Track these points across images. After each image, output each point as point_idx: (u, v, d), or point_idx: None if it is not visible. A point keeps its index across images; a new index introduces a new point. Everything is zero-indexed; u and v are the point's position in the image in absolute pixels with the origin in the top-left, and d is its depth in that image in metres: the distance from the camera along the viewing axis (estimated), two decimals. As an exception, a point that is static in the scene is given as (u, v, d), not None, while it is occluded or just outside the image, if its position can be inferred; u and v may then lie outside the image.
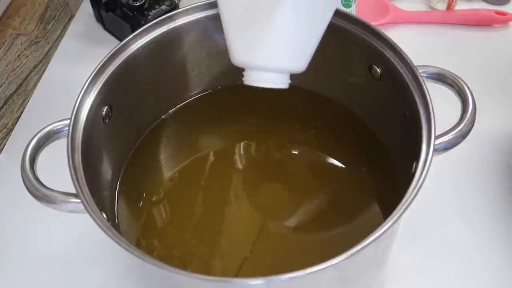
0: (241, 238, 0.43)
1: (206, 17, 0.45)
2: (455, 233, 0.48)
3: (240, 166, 0.48)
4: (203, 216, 0.44)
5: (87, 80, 0.39)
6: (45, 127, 0.38)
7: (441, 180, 0.51)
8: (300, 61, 0.37)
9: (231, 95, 0.51)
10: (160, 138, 0.49)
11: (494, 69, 0.62)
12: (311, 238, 0.43)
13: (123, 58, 0.41)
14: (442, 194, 0.51)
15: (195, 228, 0.44)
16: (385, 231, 0.30)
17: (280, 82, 0.38)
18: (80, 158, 0.36)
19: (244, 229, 0.44)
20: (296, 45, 0.36)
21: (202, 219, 0.44)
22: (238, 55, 0.37)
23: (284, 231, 0.44)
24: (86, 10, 0.72)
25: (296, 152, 0.49)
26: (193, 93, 0.51)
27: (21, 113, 0.61)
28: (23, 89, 0.61)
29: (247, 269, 0.41)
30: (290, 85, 0.38)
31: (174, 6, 0.65)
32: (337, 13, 0.42)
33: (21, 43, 0.61)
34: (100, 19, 0.69)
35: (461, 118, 0.37)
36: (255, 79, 0.37)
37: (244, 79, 0.38)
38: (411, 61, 0.38)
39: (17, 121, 0.61)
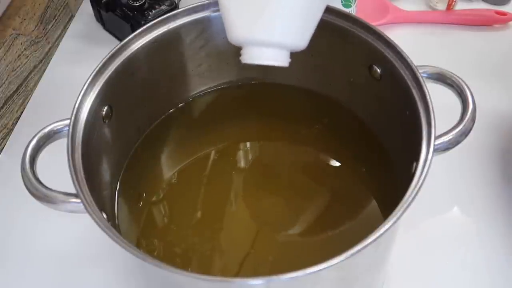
0: (242, 237, 0.43)
1: (206, 17, 0.44)
2: (455, 231, 0.48)
3: (240, 165, 0.48)
4: (204, 216, 0.44)
5: (87, 80, 0.39)
6: (45, 127, 0.38)
7: (438, 176, 0.51)
8: (301, 37, 0.35)
9: (231, 95, 0.51)
10: (160, 138, 0.49)
11: (494, 69, 0.62)
12: (311, 238, 0.43)
13: (123, 58, 0.41)
14: (441, 188, 0.51)
15: (195, 228, 0.44)
16: (385, 231, 0.30)
17: (281, 59, 0.35)
18: (80, 158, 0.36)
19: (244, 229, 0.44)
20: (297, 18, 0.34)
21: (202, 218, 0.44)
22: (238, 31, 0.35)
23: (284, 230, 0.44)
24: (86, 10, 0.72)
25: (296, 152, 0.49)
26: (193, 93, 0.51)
27: (21, 113, 0.61)
28: (23, 89, 0.61)
29: (248, 268, 0.41)
30: (290, 85, 0.38)
31: (174, 6, 0.65)
32: (337, 13, 0.42)
33: (21, 43, 0.61)
34: (100, 19, 0.69)
35: (461, 118, 0.37)
36: (254, 55, 0.35)
37: (242, 57, 0.36)
38: (411, 61, 0.38)
39: (17, 121, 0.61)
